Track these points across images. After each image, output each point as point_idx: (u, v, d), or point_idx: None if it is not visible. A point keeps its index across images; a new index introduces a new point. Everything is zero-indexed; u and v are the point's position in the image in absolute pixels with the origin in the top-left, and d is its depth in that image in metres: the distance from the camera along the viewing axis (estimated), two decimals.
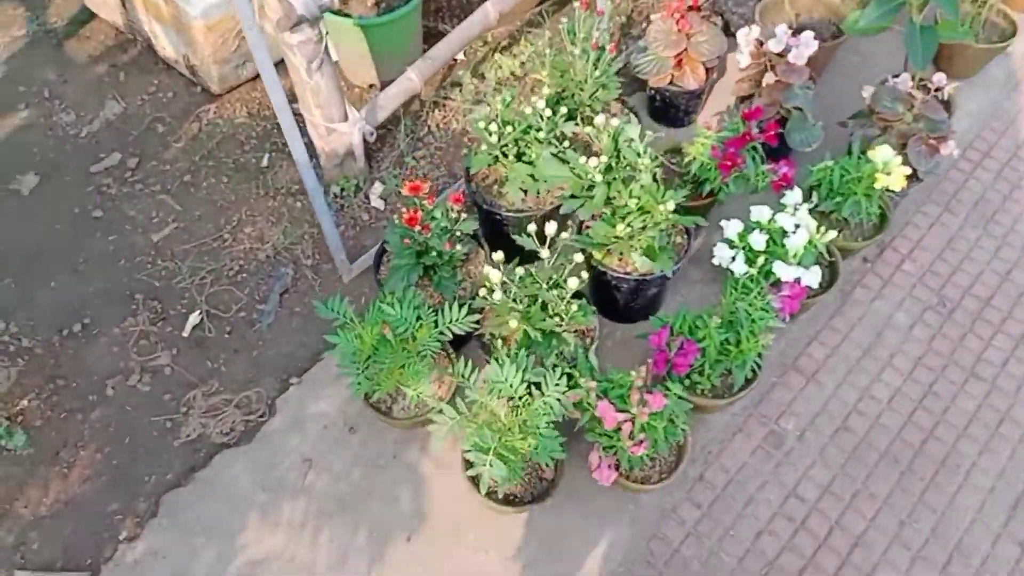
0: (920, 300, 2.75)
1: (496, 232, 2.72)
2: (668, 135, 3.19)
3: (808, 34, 2.70)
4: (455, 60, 3.52)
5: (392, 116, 3.11)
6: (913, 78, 2.78)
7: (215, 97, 3.36)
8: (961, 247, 2.87)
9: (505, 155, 2.57)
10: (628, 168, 2.32)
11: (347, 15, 3.17)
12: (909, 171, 2.50)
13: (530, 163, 2.55)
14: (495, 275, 2.11)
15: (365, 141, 2.94)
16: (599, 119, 2.37)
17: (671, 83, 3.03)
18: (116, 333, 2.72)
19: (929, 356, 2.63)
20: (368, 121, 2.91)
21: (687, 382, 2.36)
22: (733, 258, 2.44)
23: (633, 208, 2.27)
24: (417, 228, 2.24)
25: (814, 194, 2.69)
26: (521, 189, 2.57)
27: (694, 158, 2.66)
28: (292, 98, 2.87)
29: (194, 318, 2.74)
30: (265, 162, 3.15)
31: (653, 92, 3.11)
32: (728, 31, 3.45)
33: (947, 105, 2.94)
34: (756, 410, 2.52)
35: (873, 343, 2.66)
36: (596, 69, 2.64)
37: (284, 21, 2.49)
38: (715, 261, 2.46)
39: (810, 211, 2.70)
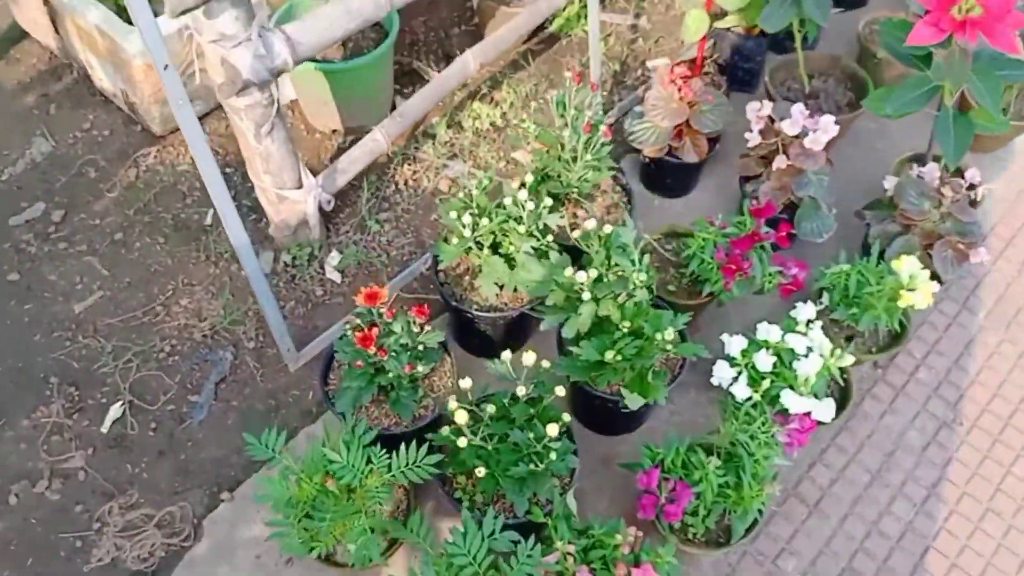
0: (935, 416, 2.46)
1: (466, 328, 2.40)
2: (662, 205, 2.89)
3: (828, 119, 2.39)
4: None
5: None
6: (938, 161, 2.49)
7: (157, 138, 2.99)
8: (980, 353, 2.58)
9: (480, 245, 2.24)
10: (620, 281, 1.99)
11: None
12: (937, 287, 2.21)
13: (507, 256, 2.23)
14: (461, 416, 1.79)
15: (321, 209, 2.59)
16: (590, 224, 2.04)
17: (669, 154, 2.71)
18: (25, 425, 2.37)
19: (943, 485, 2.35)
20: (326, 188, 2.56)
21: (677, 524, 2.06)
22: (735, 378, 2.14)
23: (624, 332, 1.96)
24: (372, 350, 1.91)
25: (824, 296, 2.39)
26: (496, 284, 2.25)
27: (694, 254, 2.34)
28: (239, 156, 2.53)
29: (115, 410, 2.39)
30: (208, 220, 2.79)
31: (648, 160, 2.78)
32: (732, 85, 3.14)
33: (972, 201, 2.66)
34: (752, 547, 2.22)
35: (883, 466, 2.37)
36: (587, 152, 2.31)
37: (227, 87, 2.13)
38: (714, 380, 2.16)
39: (819, 313, 2.41)
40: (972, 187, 2.39)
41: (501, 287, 2.26)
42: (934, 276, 2.36)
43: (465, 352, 2.48)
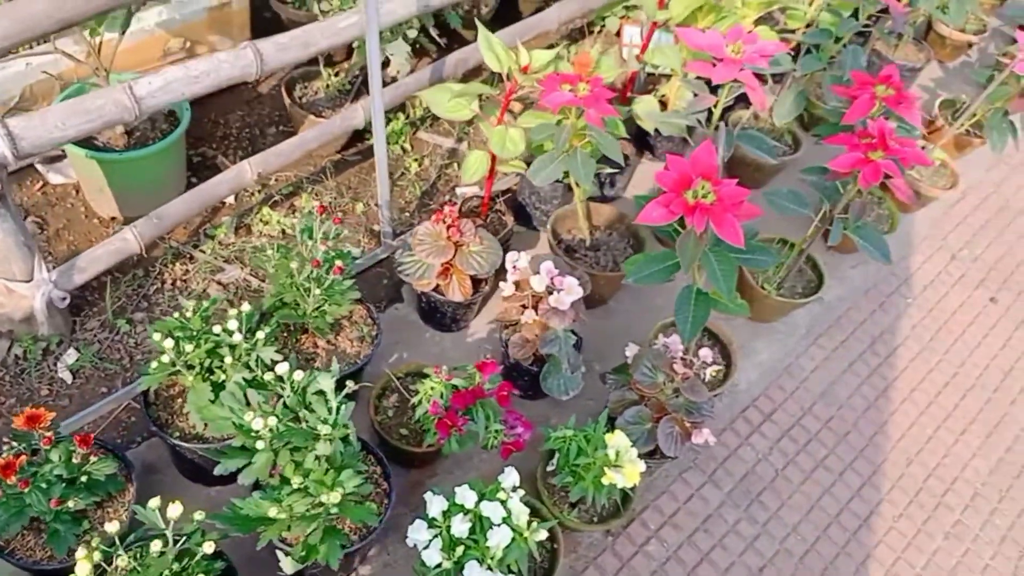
0: None
1: (176, 452, 2.27)
2: (432, 338, 2.84)
3: (572, 281, 2.39)
4: (222, 203, 3.09)
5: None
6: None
7: None
8: (716, 530, 2.56)
9: (191, 367, 2.13)
10: (302, 433, 1.91)
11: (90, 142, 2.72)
12: (643, 468, 2.18)
13: (216, 385, 2.13)
14: (83, 568, 1.65)
15: (55, 305, 2.47)
16: (282, 367, 1.96)
17: (436, 290, 2.67)
18: None
19: None
20: (61, 284, 2.43)
21: None
22: (431, 541, 2.05)
23: (295, 487, 1.86)
24: (13, 480, 1.77)
25: (556, 456, 2.35)
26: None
27: (420, 402, 2.28)
28: None
29: None
30: None
31: (420, 293, 2.74)
32: (526, 223, 3.16)
33: (727, 362, 2.70)
34: None
35: None
36: (318, 286, 2.25)
37: None
38: (409, 542, 2.06)
39: (547, 475, 2.37)
40: (705, 366, 2.40)
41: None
42: (657, 451, 2.35)
43: (180, 475, 2.36)
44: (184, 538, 1.78)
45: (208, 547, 1.75)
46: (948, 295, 3.34)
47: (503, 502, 2.07)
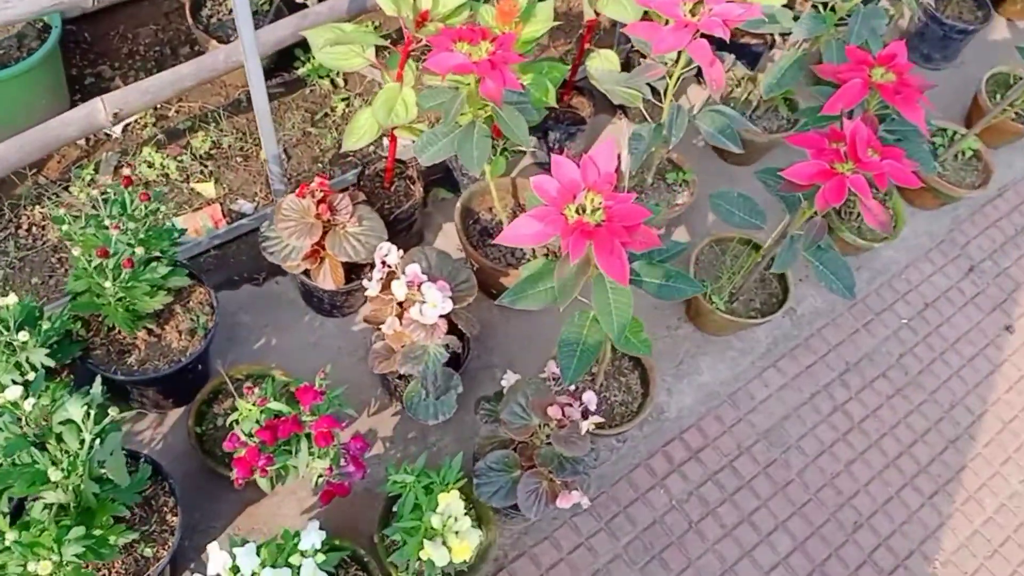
0: None
1: None
2: (312, 323, 2.45)
3: (436, 293, 1.94)
4: (107, 135, 2.70)
5: None
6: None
7: None
8: None
9: None
10: (25, 474, 1.55)
11: None
12: (475, 543, 1.78)
13: None
14: None
15: None
16: (12, 391, 1.59)
17: (305, 274, 2.27)
18: None
19: None
20: None
21: None
22: None
23: (6, 545, 1.52)
24: None
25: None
26: None
27: (231, 425, 1.91)
28: None
29: None
30: None
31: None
32: (457, 193, 2.70)
33: (645, 390, 2.26)
34: None
35: None
36: (112, 282, 1.86)
37: None
38: None
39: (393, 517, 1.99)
40: (587, 414, 1.95)
41: None
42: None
43: None
44: None
45: None
46: (954, 318, 2.79)
47: (295, 569, 1.71)
